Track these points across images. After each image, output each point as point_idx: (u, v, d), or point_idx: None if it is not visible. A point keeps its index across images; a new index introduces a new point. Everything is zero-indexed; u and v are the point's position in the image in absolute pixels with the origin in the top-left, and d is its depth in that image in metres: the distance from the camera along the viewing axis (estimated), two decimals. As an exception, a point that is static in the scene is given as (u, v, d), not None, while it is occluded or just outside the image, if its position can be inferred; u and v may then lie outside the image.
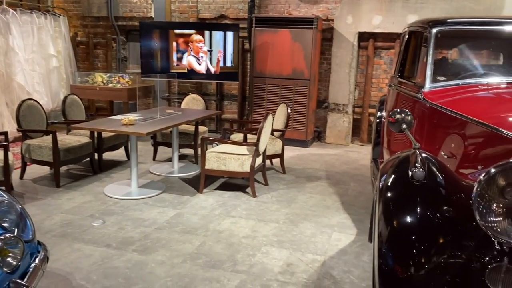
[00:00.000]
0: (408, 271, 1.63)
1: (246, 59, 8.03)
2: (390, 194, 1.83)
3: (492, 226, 1.57)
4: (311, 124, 7.47)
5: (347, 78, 7.45)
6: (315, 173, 5.65)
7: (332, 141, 7.68)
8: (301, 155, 6.65)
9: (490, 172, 1.57)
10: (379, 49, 7.41)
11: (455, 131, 2.60)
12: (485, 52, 5.04)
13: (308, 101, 7.13)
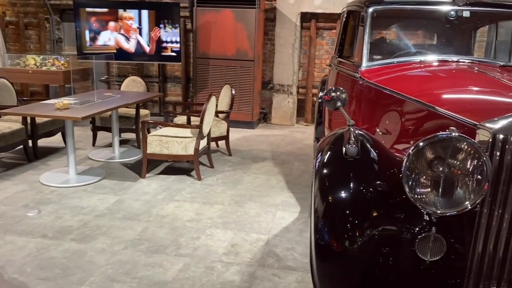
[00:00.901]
0: (342, 245, 1.67)
1: (189, 39, 7.84)
2: (325, 170, 1.85)
3: (421, 198, 1.63)
4: (257, 105, 7.47)
5: (290, 59, 7.49)
6: (261, 154, 5.67)
7: (278, 122, 7.74)
8: (247, 137, 6.64)
9: (418, 145, 1.62)
10: (321, 30, 7.49)
11: (390, 108, 2.67)
12: (421, 31, 5.22)
13: (253, 82, 7.10)
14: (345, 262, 1.67)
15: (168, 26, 6.95)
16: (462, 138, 1.59)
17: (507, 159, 1.59)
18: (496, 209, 1.63)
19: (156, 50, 7.06)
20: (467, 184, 1.61)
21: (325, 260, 1.70)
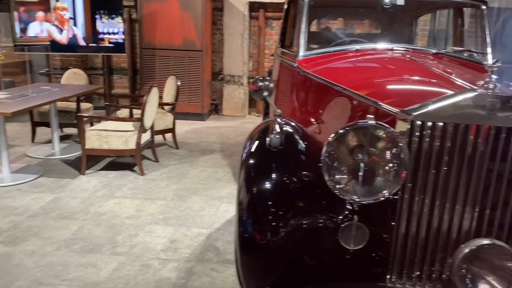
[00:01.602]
0: (266, 237, 1.62)
1: (135, 30, 7.60)
2: (250, 161, 1.80)
3: (340, 186, 1.61)
4: (207, 96, 7.36)
5: (240, 49, 7.41)
6: (210, 146, 5.58)
7: (229, 113, 7.66)
8: (197, 129, 6.53)
9: (338, 133, 1.59)
10: (270, 20, 7.45)
11: (324, 97, 2.65)
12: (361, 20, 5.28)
13: (202, 73, 6.98)
14: (269, 254, 1.63)
15: (105, 16, 6.67)
16: (379, 126, 1.57)
17: (425, 146, 1.60)
18: (416, 194, 1.64)
19: (93, 41, 6.74)
20: (385, 172, 1.60)
21: (249, 253, 1.65)
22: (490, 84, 1.57)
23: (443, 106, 1.58)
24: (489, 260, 1.51)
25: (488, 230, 1.64)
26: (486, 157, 1.57)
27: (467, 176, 1.60)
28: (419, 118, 1.58)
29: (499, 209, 1.62)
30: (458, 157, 1.59)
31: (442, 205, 1.63)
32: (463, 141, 1.58)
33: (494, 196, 1.61)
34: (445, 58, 2.92)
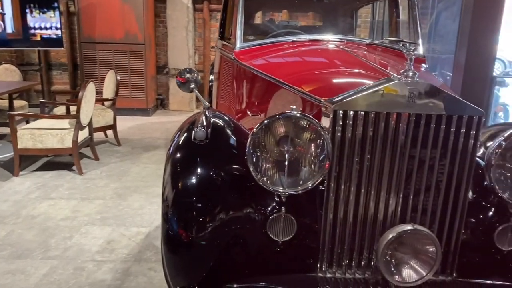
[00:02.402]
0: (191, 234, 1.58)
1: (73, 23, 7.26)
2: (175, 156, 1.74)
3: (267, 178, 1.59)
4: (152, 91, 7.17)
5: (185, 42, 7.27)
6: (154, 142, 5.44)
7: (176, 108, 7.52)
8: (141, 125, 6.36)
9: (263, 123, 1.57)
10: (214, 12, 7.35)
11: (260, 89, 2.64)
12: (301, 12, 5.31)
13: (146, 67, 6.79)
14: (196, 251, 1.58)
15: (36, 10, 6.31)
16: (303, 116, 1.56)
17: (348, 135, 1.60)
18: (342, 183, 1.65)
19: (24, 37, 6.35)
20: (310, 163, 1.60)
21: (175, 251, 1.60)
22: (409, 72, 1.59)
23: (365, 95, 1.59)
24: (412, 245, 1.55)
25: (413, 216, 1.67)
26: (408, 144, 1.60)
27: (390, 163, 1.62)
28: (341, 108, 1.59)
29: (422, 195, 1.65)
30: (381, 145, 1.61)
31: (367, 192, 1.65)
32: (385, 129, 1.59)
33: (416, 182, 1.64)
34: (379, 49, 2.97)
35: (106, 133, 5.42)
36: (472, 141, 1.61)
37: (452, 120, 1.59)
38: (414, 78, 1.58)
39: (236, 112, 2.96)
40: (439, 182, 1.65)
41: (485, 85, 3.57)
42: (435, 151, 1.61)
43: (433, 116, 1.58)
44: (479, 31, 3.60)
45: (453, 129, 1.60)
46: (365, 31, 6.64)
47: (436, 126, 1.59)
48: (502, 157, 1.65)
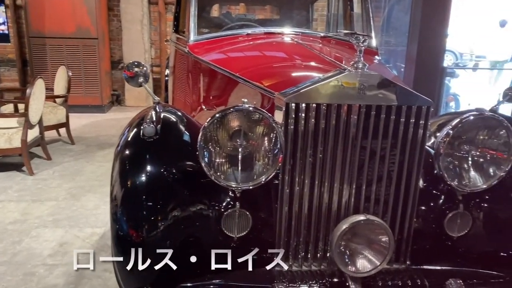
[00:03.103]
0: (142, 234, 1.53)
1: (21, 17, 6.91)
2: (124, 153, 1.67)
3: (219, 173, 1.56)
4: (107, 87, 6.96)
5: (140, 36, 7.09)
6: (109, 140, 5.28)
7: (133, 104, 7.33)
8: (96, 122, 6.16)
9: (214, 117, 1.53)
10: (170, 5, 7.20)
11: (215, 83, 2.60)
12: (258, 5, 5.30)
13: (99, 62, 6.58)
14: (147, 252, 1.53)
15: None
16: (254, 110, 1.54)
17: (301, 127, 1.59)
18: (296, 175, 1.64)
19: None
20: (263, 157, 1.58)
21: (126, 252, 1.54)
22: (359, 64, 1.59)
23: (316, 87, 1.58)
24: (366, 235, 1.56)
25: (366, 206, 1.69)
26: (359, 135, 1.61)
27: (343, 155, 1.62)
28: (293, 100, 1.57)
29: (374, 185, 1.67)
30: (333, 137, 1.61)
31: (321, 184, 1.65)
32: (336, 121, 1.60)
33: (369, 172, 1.66)
34: (333, 41, 2.99)
35: (59, 131, 5.20)
36: (421, 130, 1.63)
37: (401, 111, 1.61)
38: (364, 69, 1.58)
39: (192, 107, 2.90)
40: (391, 172, 1.67)
41: (436, 76, 3.68)
42: (386, 142, 1.63)
43: (383, 107, 1.59)
44: (429, 25, 3.70)
45: (403, 119, 1.62)
46: (322, 24, 6.69)
47: (386, 117, 1.60)
48: (450, 145, 1.69)
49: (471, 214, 1.73)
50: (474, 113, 1.66)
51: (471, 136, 1.68)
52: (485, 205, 1.75)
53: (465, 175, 1.68)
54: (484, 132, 1.68)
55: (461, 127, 1.65)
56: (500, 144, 1.66)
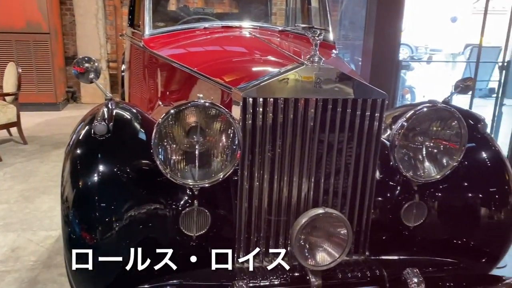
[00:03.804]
0: (96, 237, 1.47)
1: (-35, 10, 6.53)
2: (75, 152, 1.60)
3: (176, 171, 1.52)
4: (61, 84, 6.70)
5: (95, 31, 6.86)
6: (65, 139, 5.04)
7: (89, 101, 7.09)
8: (51, 120, 5.92)
9: (169, 113, 1.49)
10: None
11: (171, 78, 2.54)
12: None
13: (52, 58, 6.32)
14: (102, 255, 1.47)
15: None
16: (210, 105, 1.51)
17: (259, 122, 1.57)
18: (256, 171, 1.62)
19: None
20: (221, 153, 1.55)
21: (79, 256, 1.47)
22: (315, 58, 1.59)
23: (273, 81, 1.57)
24: (325, 229, 1.56)
25: (325, 199, 1.69)
26: (316, 129, 1.61)
27: (301, 149, 1.62)
28: (250, 95, 1.55)
29: (332, 178, 1.68)
30: (291, 131, 1.60)
31: (280, 179, 1.64)
32: (294, 115, 1.59)
33: (327, 165, 1.66)
34: (291, 35, 2.99)
35: (10, 131, 4.96)
36: (377, 123, 1.65)
37: (357, 104, 1.62)
38: (320, 63, 1.58)
39: (149, 103, 2.83)
40: (348, 164, 1.68)
41: (391, 69, 3.77)
42: (343, 135, 1.64)
43: (339, 101, 1.60)
44: (384, 19, 3.77)
45: (359, 112, 1.63)
46: (281, 18, 6.71)
47: (342, 110, 1.61)
48: (405, 137, 1.72)
49: (426, 204, 1.78)
50: (427, 105, 1.70)
51: (424, 128, 1.72)
52: (439, 195, 1.79)
53: (419, 166, 1.72)
54: (437, 124, 1.72)
55: (415, 118, 1.68)
56: (453, 135, 1.70)
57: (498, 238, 1.80)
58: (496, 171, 1.83)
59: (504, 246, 1.80)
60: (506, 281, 1.68)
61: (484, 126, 1.87)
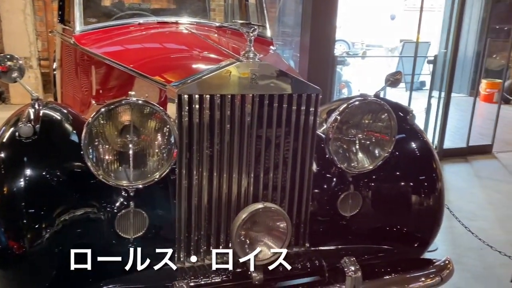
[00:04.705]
0: (24, 245, 1.38)
1: None
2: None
3: (109, 172, 1.46)
4: (-13, 84, 6.26)
5: (24, 27, 6.46)
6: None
7: (20, 101, 6.66)
8: (-24, 123, 5.51)
9: (99, 111, 1.43)
10: (56, -7, 6.67)
11: (105, 76, 2.45)
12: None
13: (-25, 57, 5.87)
14: (32, 263, 1.40)
15: None
16: (143, 102, 1.47)
17: (196, 119, 1.55)
18: (194, 169, 1.60)
19: None
20: (157, 152, 1.52)
21: (7, 266, 1.39)
22: (250, 54, 1.59)
23: (208, 78, 1.56)
24: (265, 223, 1.58)
25: (265, 194, 1.71)
26: (254, 124, 1.62)
27: (239, 145, 1.62)
28: (185, 92, 1.53)
29: (271, 172, 1.70)
30: (229, 127, 1.60)
31: (220, 175, 1.64)
32: (231, 111, 1.58)
33: (265, 160, 1.68)
34: (228, 31, 2.97)
35: None
36: (312, 117, 1.69)
37: (293, 99, 1.64)
38: (255, 59, 1.58)
39: (82, 103, 2.71)
40: (286, 159, 1.71)
41: (327, 65, 3.87)
42: (280, 130, 1.66)
43: (275, 96, 1.61)
44: (320, 16, 3.86)
45: (295, 107, 1.66)
46: (220, 14, 6.67)
47: (279, 105, 1.63)
48: (339, 130, 1.77)
49: (361, 194, 1.85)
50: (359, 99, 1.76)
51: (357, 120, 1.78)
52: (373, 185, 1.87)
53: (353, 157, 1.79)
54: (368, 116, 1.79)
55: (348, 112, 1.74)
56: (383, 127, 1.78)
57: (428, 223, 1.90)
58: (425, 160, 1.94)
59: (434, 231, 1.91)
60: (435, 263, 1.79)
61: (413, 118, 1.96)
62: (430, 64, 5.89)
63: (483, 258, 2.95)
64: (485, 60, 6.23)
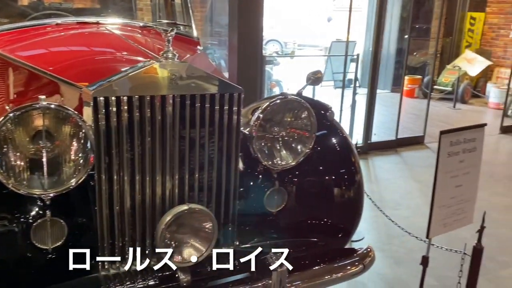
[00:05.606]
0: None
1: None
2: None
3: (21, 180, 1.39)
4: None
5: None
6: None
7: None
8: None
9: (7, 116, 1.35)
10: (-34, -9, 6.17)
11: (18, 79, 2.31)
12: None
13: None
14: None
15: None
16: (55, 107, 1.41)
17: (113, 122, 1.51)
18: (115, 173, 1.55)
19: None
20: (73, 158, 1.46)
21: None
22: (168, 54, 1.57)
23: (126, 79, 1.52)
24: (191, 225, 1.57)
25: (191, 195, 1.69)
26: (176, 125, 1.60)
27: (162, 146, 1.59)
28: (101, 94, 1.48)
29: (197, 173, 1.68)
30: (150, 129, 1.57)
31: (142, 179, 1.60)
32: (151, 112, 1.56)
33: (190, 161, 1.66)
34: (153, 31, 2.92)
35: None
36: (235, 116, 1.70)
37: (215, 99, 1.64)
38: (174, 59, 1.57)
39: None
40: (212, 158, 1.70)
41: (256, 64, 3.92)
42: (204, 130, 1.65)
43: (197, 96, 1.61)
44: (246, 16, 3.90)
45: (217, 107, 1.66)
46: (148, 14, 6.53)
47: (201, 105, 1.62)
48: (262, 128, 1.81)
49: (286, 189, 1.90)
50: (280, 97, 1.80)
51: (279, 119, 1.83)
52: (297, 180, 1.93)
53: (277, 154, 1.83)
54: (290, 114, 1.84)
55: (269, 110, 1.77)
56: (304, 124, 1.84)
57: (349, 214, 2.00)
58: (344, 154, 2.03)
59: (355, 221, 2.00)
60: (358, 252, 1.88)
61: (332, 114, 2.05)
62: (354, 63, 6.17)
63: (404, 244, 3.16)
64: (407, 57, 6.60)
